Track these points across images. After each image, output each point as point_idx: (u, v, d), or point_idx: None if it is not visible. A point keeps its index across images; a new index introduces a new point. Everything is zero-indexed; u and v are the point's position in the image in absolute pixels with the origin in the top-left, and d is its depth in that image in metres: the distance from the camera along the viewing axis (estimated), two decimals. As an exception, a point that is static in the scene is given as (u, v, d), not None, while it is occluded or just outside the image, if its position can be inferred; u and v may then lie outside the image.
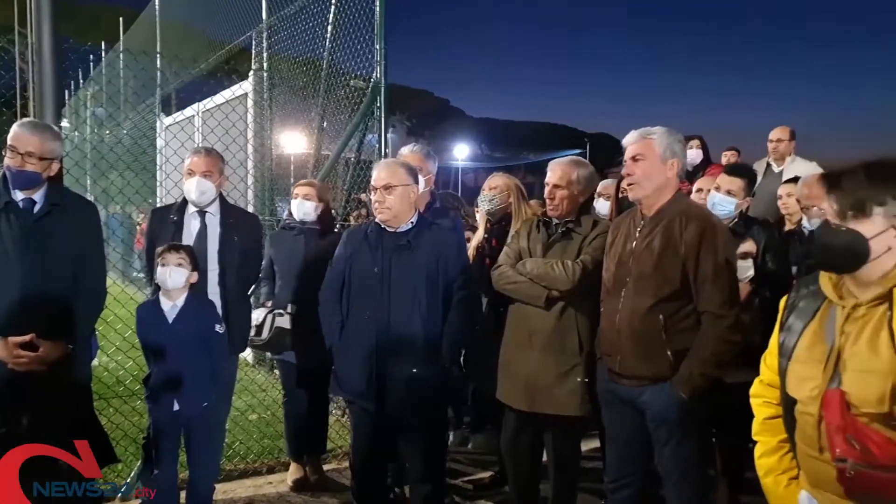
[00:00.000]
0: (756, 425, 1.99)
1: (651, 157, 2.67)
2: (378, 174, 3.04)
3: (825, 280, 1.77)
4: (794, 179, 4.49)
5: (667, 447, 2.63)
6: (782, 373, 1.83)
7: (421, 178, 3.51)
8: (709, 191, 3.55)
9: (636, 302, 2.63)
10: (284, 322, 3.72)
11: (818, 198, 3.35)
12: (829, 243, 1.68)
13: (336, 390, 3.19)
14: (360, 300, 3.02)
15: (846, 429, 1.59)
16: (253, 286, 3.99)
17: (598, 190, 4.42)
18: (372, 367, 2.93)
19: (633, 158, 2.70)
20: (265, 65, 6.08)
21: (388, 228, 3.03)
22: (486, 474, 4.12)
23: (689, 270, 2.56)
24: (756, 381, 2.02)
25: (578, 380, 2.95)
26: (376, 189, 2.99)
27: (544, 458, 3.26)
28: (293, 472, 4.00)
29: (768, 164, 5.53)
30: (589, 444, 3.28)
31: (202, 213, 3.46)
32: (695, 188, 3.96)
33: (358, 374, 2.98)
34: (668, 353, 2.56)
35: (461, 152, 50.81)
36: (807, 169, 5.16)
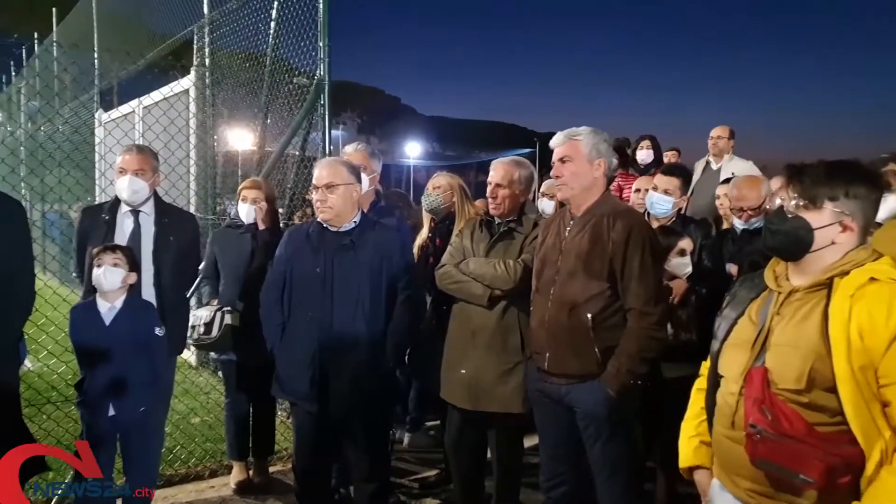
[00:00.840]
0: (692, 395, 2.10)
1: (578, 158, 2.71)
2: (320, 173, 3.01)
3: (769, 269, 1.87)
4: (731, 179, 4.64)
5: (596, 444, 2.67)
6: (714, 355, 1.93)
7: (365, 177, 3.50)
8: (647, 190, 3.64)
9: (564, 300, 2.67)
10: (234, 320, 3.65)
11: (746, 199, 3.47)
12: (777, 227, 1.77)
13: (278, 392, 3.16)
14: (302, 301, 2.98)
15: (763, 401, 1.69)
16: (192, 287, 3.90)
17: (542, 190, 4.49)
18: (314, 368, 2.91)
19: (561, 160, 2.74)
20: (207, 60, 5.93)
21: (330, 228, 3.00)
22: (432, 472, 4.14)
23: (616, 268, 2.61)
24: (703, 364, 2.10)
25: (521, 378, 2.98)
26: (318, 188, 2.97)
27: (489, 455, 3.29)
28: (236, 475, 3.93)
29: (707, 162, 5.70)
30: (532, 441, 3.31)
31: (135, 212, 3.37)
32: (633, 188, 4.06)
33: (300, 376, 2.95)
34: (596, 350, 2.61)
35: (413, 150, 50.72)
36: (743, 167, 5.34)
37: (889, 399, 1.58)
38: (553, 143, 2.81)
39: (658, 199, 3.39)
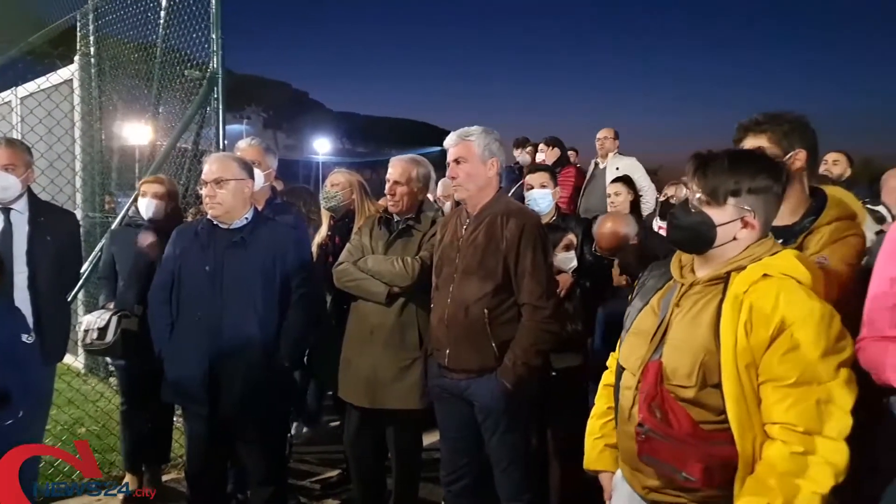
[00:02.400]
0: (599, 391, 2.10)
1: (472, 158, 2.76)
2: (209, 168, 2.92)
3: (675, 260, 1.89)
4: (620, 178, 4.86)
5: (494, 436, 2.73)
6: (620, 344, 1.95)
7: (259, 173, 3.41)
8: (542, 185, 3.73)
9: (462, 296, 2.71)
10: (132, 324, 3.45)
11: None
12: (681, 222, 1.77)
13: (168, 395, 3.03)
14: (191, 301, 2.89)
15: (654, 397, 1.70)
16: (76, 289, 3.67)
17: (438, 192, 4.53)
18: (204, 369, 2.82)
19: (456, 161, 2.78)
20: (92, 49, 5.59)
21: (220, 225, 2.92)
22: (334, 472, 4.09)
23: (510, 265, 2.68)
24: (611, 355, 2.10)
25: (419, 374, 2.99)
26: (206, 183, 2.87)
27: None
28: (129, 486, 3.73)
29: (596, 163, 5.98)
30: (433, 437, 3.34)
31: (6, 210, 3.14)
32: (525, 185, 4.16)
33: (190, 378, 2.85)
34: (493, 345, 2.67)
35: (322, 146, 49.85)
36: (625, 164, 5.63)
37: (764, 396, 1.60)
38: (447, 143, 2.84)
39: (539, 195, 3.48)
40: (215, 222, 2.92)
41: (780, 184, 1.73)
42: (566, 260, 3.23)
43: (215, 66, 4.18)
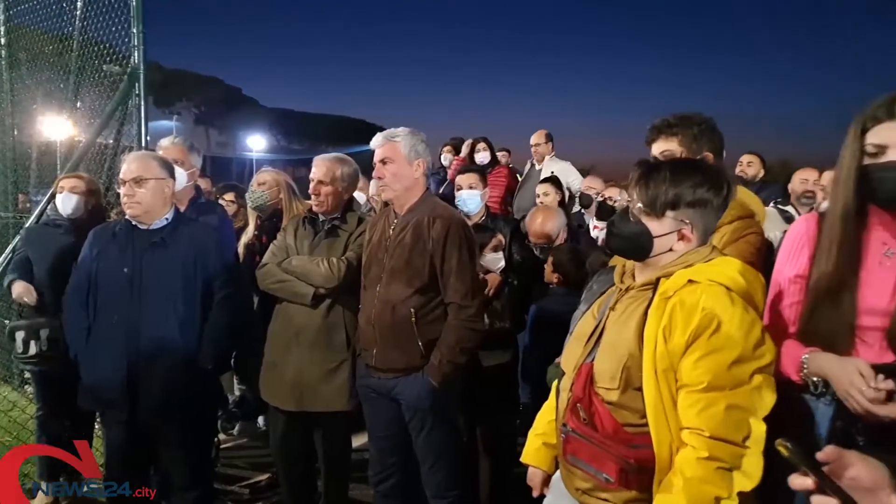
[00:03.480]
0: (552, 390, 2.10)
1: (398, 159, 2.78)
2: (128, 166, 2.84)
3: (618, 263, 1.91)
4: (549, 179, 4.98)
5: (421, 434, 2.76)
6: (565, 348, 1.96)
7: (182, 172, 3.35)
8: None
9: (389, 296, 2.73)
10: (54, 331, 3.31)
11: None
12: (619, 230, 1.79)
13: (84, 401, 2.93)
14: (108, 303, 2.80)
15: (582, 399, 1.73)
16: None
17: (370, 193, 4.53)
18: (122, 373, 2.74)
19: (382, 161, 2.79)
20: (3, 39, 5.31)
21: (139, 225, 2.84)
22: (263, 476, 4.04)
23: (436, 265, 2.71)
24: None
25: (346, 375, 2.99)
26: (125, 182, 2.80)
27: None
28: (42, 498, 3.57)
29: (531, 165, 6.09)
30: (361, 438, 3.34)
31: None
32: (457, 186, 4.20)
33: (107, 382, 2.76)
34: (419, 344, 2.70)
35: (256, 143, 48.80)
36: (560, 167, 5.76)
37: (679, 400, 1.62)
38: (373, 144, 2.85)
39: (468, 196, 3.51)
40: (134, 223, 2.84)
41: (721, 196, 1.73)
42: (494, 260, 3.30)
43: (136, 60, 4.04)
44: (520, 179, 6.31)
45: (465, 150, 6.32)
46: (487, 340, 3.01)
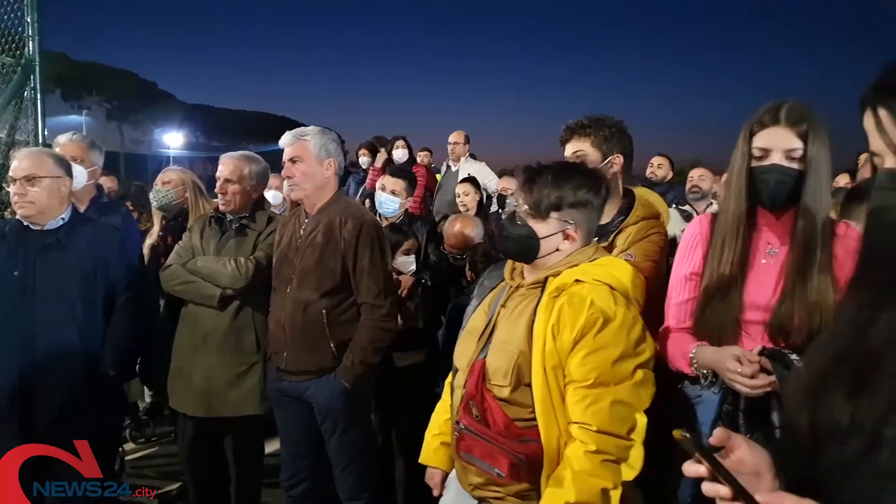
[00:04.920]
0: (445, 388, 2.14)
1: (308, 158, 2.75)
2: (19, 164, 2.70)
3: (509, 262, 1.96)
4: (467, 179, 5.04)
5: (333, 436, 2.74)
6: (457, 344, 1.99)
7: (82, 170, 3.22)
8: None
9: (300, 297, 2.69)
10: None
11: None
12: (509, 233, 1.85)
13: None
14: None
15: (475, 396, 1.77)
16: None
17: (283, 194, 4.44)
18: (13, 383, 2.59)
19: (292, 160, 2.75)
20: None
21: (31, 226, 2.70)
22: (174, 486, 3.90)
23: (348, 265, 2.69)
24: None
25: (257, 378, 2.92)
26: (15, 180, 2.66)
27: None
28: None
29: (448, 166, 6.16)
30: (274, 444, 3.28)
31: None
32: (378, 186, 4.19)
33: None
34: (331, 345, 2.67)
35: (174, 140, 47.03)
36: (476, 168, 5.85)
37: (567, 396, 1.68)
38: (282, 143, 2.80)
39: (386, 200, 3.51)
40: (26, 223, 2.70)
41: (600, 197, 1.83)
42: (406, 263, 3.32)
43: (32, 52, 3.83)
44: (439, 179, 6.37)
45: (379, 160, 6.31)
46: (401, 341, 3.02)
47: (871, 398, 0.89)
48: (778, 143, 1.78)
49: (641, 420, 1.68)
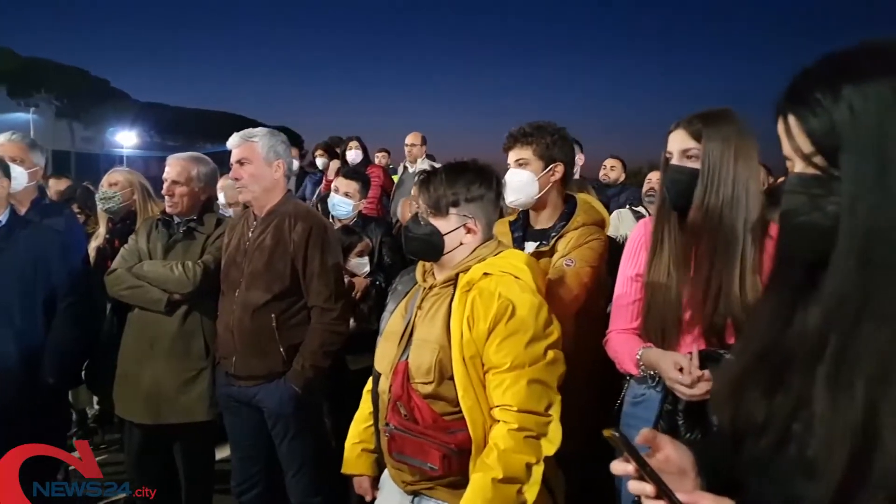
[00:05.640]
0: (363, 396, 2.16)
1: (256, 160, 2.72)
2: None
3: (419, 265, 2.01)
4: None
5: (284, 441, 2.71)
6: (376, 349, 2.03)
7: (22, 171, 3.14)
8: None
9: (249, 301, 2.66)
10: None
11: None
12: (414, 233, 1.91)
13: None
14: None
15: (401, 396, 1.81)
16: None
17: (221, 201, 4.36)
18: None
19: (239, 162, 2.72)
20: None
21: None
22: (121, 496, 3.80)
23: (298, 268, 2.67)
24: None
25: (206, 384, 2.87)
26: None
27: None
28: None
29: (405, 167, 6.16)
30: (224, 451, 3.22)
31: None
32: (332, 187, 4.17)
33: None
34: (281, 349, 2.65)
35: (127, 139, 45.83)
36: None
37: (487, 383, 1.76)
38: (230, 144, 2.77)
39: (339, 202, 3.49)
40: None
41: (493, 190, 1.92)
42: (359, 265, 3.31)
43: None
44: (395, 181, 6.36)
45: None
46: (355, 343, 3.00)
47: (784, 396, 0.92)
48: (675, 146, 1.88)
49: (556, 397, 1.78)
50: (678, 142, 1.88)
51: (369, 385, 2.12)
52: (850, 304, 0.81)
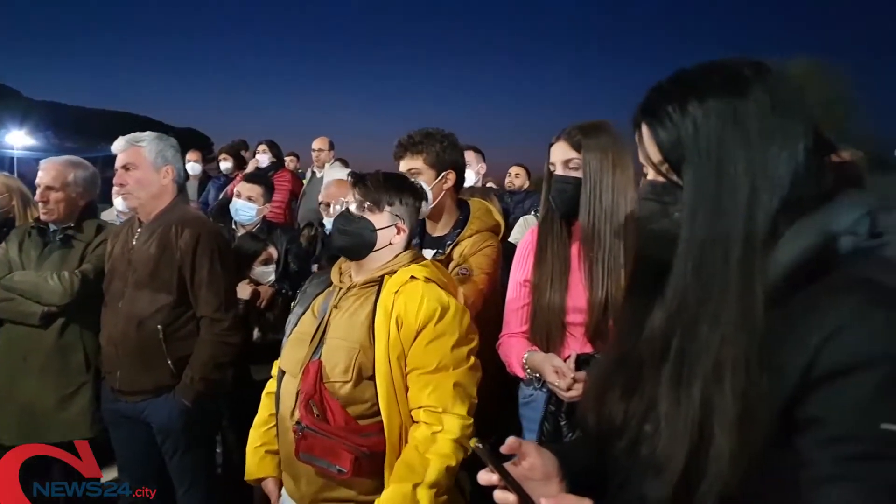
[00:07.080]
0: (262, 401, 2.11)
1: (143, 165, 2.60)
2: None
3: (336, 266, 1.99)
4: (341, 181, 4.97)
5: (175, 457, 2.60)
6: (282, 351, 1.97)
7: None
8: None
9: (134, 312, 2.53)
10: None
11: (335, 196, 3.71)
12: (345, 228, 1.89)
13: None
14: None
15: (313, 395, 1.78)
16: None
17: (116, 209, 4.16)
18: None
19: (125, 167, 2.59)
20: None
21: None
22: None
23: (185, 277, 2.56)
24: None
25: (87, 400, 2.73)
26: None
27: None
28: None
29: (313, 172, 6.08)
30: (112, 471, 3.05)
31: None
32: (234, 191, 4.03)
33: None
34: (169, 362, 2.53)
35: (18, 139, 42.92)
36: (342, 174, 5.78)
37: (410, 384, 1.77)
38: (115, 148, 2.63)
39: (242, 206, 3.38)
40: None
41: (420, 200, 1.97)
42: (263, 274, 3.23)
43: None
44: (304, 184, 6.25)
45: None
46: (261, 353, 2.92)
47: (639, 398, 0.96)
48: (558, 156, 1.96)
49: (474, 400, 1.81)
50: (560, 153, 1.95)
51: (269, 388, 2.09)
52: (688, 308, 0.86)
